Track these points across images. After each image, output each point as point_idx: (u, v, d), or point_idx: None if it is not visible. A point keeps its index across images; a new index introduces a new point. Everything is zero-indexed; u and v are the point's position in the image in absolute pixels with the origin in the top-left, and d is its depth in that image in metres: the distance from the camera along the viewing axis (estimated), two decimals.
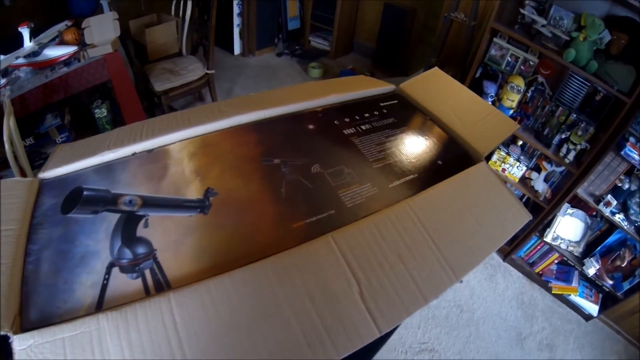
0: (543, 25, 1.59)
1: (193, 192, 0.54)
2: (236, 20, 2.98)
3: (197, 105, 2.65)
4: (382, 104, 0.89)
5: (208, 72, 2.33)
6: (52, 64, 1.74)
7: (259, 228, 0.51)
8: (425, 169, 0.70)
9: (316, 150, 0.67)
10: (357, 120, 0.79)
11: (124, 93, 2.11)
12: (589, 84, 1.61)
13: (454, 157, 0.76)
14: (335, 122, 0.77)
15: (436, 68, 1.06)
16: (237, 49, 3.14)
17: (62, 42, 1.83)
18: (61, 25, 1.92)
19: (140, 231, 0.49)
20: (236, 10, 2.94)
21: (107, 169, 0.59)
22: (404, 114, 0.87)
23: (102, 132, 2.16)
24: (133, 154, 0.62)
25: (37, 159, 1.85)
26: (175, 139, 0.66)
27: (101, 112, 2.14)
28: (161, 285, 0.44)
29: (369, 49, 3.29)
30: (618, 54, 1.45)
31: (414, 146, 0.76)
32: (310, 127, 0.75)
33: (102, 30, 1.90)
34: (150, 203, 0.53)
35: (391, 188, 0.64)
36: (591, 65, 1.50)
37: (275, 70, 3.09)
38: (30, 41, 1.70)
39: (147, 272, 0.45)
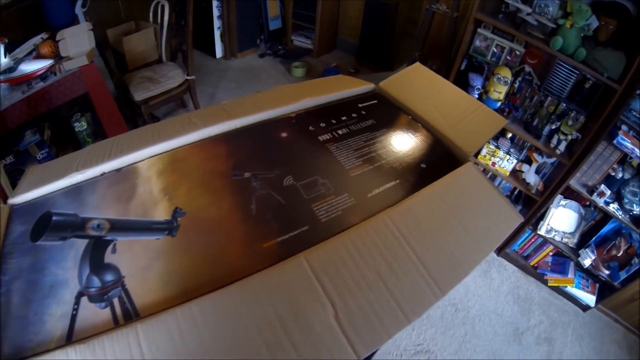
0: (528, 14, 1.50)
1: (161, 213, 0.51)
2: (216, 23, 2.87)
3: (179, 112, 2.56)
4: (360, 105, 0.82)
5: (188, 78, 2.23)
6: (28, 79, 1.67)
7: (228, 249, 0.48)
8: (407, 174, 0.65)
9: (289, 161, 0.62)
10: (333, 124, 0.73)
11: (103, 105, 2.03)
12: (577, 72, 1.53)
13: (438, 159, 0.70)
14: (310, 127, 0.71)
15: (418, 63, 0.98)
16: (218, 52, 3.03)
17: (39, 56, 1.76)
18: (37, 39, 1.84)
19: (109, 257, 0.47)
20: (216, 12, 2.82)
21: (76, 191, 0.56)
22: (384, 114, 0.80)
23: (83, 146, 2.04)
24: (102, 174, 0.59)
25: (18, 177, 1.77)
26: (144, 155, 0.62)
27: (81, 126, 2.04)
28: (130, 315, 0.42)
29: (352, 46, 3.18)
30: (607, 40, 1.37)
31: (395, 150, 0.70)
32: (283, 135, 0.69)
33: (77, 41, 1.84)
34: (118, 227, 0.50)
35: (370, 198, 0.58)
36: (579, 52, 1.41)
37: (258, 72, 2.98)
38: (5, 57, 1.63)
39: (116, 301, 0.43)
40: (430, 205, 0.59)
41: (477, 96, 1.76)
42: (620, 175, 1.53)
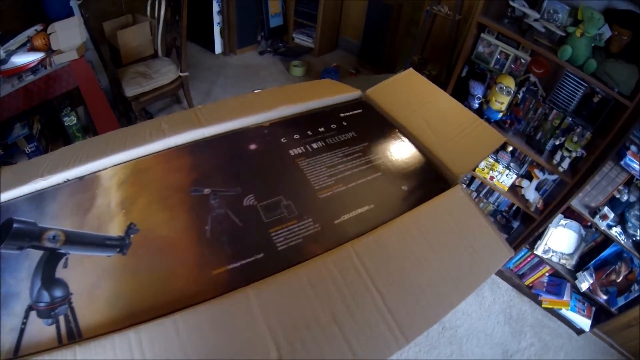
0: (535, 20, 1.36)
1: (115, 228, 0.48)
2: (216, 19, 2.75)
3: (174, 108, 2.47)
4: (342, 115, 0.72)
5: (181, 74, 2.13)
6: (19, 71, 1.60)
7: (177, 273, 0.44)
8: (384, 198, 0.56)
9: (253, 177, 0.56)
10: (308, 136, 0.65)
11: (93, 100, 1.96)
12: (586, 85, 1.39)
13: (423, 181, 0.61)
14: (282, 140, 0.63)
15: (411, 69, 0.87)
16: (218, 48, 2.91)
17: (33, 48, 1.70)
18: (30, 31, 1.78)
19: (60, 271, 0.44)
20: (216, 7, 2.70)
21: (39, 197, 0.53)
22: (368, 126, 0.70)
23: (73, 141, 1.95)
24: (65, 182, 0.55)
25: None
26: (109, 163, 0.57)
27: (70, 120, 1.96)
28: (73, 335, 0.39)
29: (354, 45, 3.04)
30: (619, 52, 1.23)
31: (373, 168, 0.61)
32: (252, 147, 0.62)
33: (68, 35, 1.76)
34: (73, 240, 0.47)
35: (337, 225, 0.51)
36: (589, 64, 1.27)
37: (257, 69, 2.87)
38: None
39: (62, 319, 0.41)
40: (406, 236, 0.50)
41: (477, 106, 1.63)
42: (625, 197, 1.39)
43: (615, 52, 1.24)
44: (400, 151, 0.66)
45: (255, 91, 0.91)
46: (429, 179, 0.62)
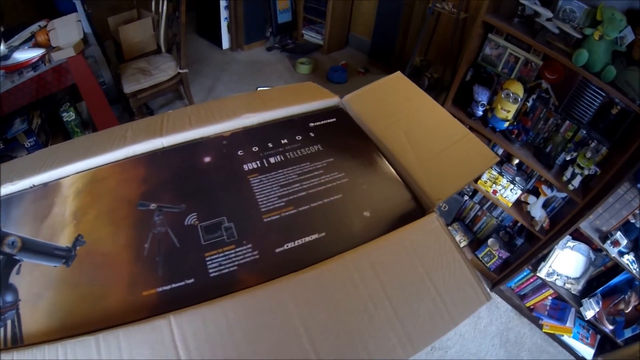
0: (548, 19, 1.19)
1: (65, 239, 0.47)
2: (223, 14, 2.67)
3: (176, 104, 2.42)
4: (312, 125, 0.64)
5: (180, 71, 2.07)
6: (20, 67, 1.61)
7: (111, 291, 0.43)
8: (340, 225, 0.48)
9: (199, 194, 0.51)
10: (268, 149, 0.58)
11: (91, 96, 1.96)
12: (604, 95, 1.22)
13: (392, 206, 0.52)
14: (239, 152, 0.58)
15: (398, 73, 0.76)
16: (225, 44, 2.84)
17: (37, 44, 1.71)
18: (34, 27, 1.78)
19: (13, 277, 0.44)
20: (223, 2, 2.62)
21: (7, 202, 0.53)
22: (338, 139, 0.62)
23: (72, 136, 1.98)
24: (31, 187, 0.55)
25: None
26: (71, 171, 0.56)
27: (69, 116, 1.96)
28: (16, 340, 0.40)
29: (365, 43, 2.88)
30: None
31: (333, 189, 0.53)
32: (207, 159, 0.57)
33: (67, 32, 1.74)
34: (27, 247, 0.47)
35: (278, 254, 0.45)
36: (608, 71, 1.10)
37: (263, 66, 2.77)
38: (0, 44, 1.60)
39: (9, 323, 0.41)
40: (354, 275, 0.43)
41: (481, 113, 1.48)
42: None
43: (638, 58, 1.06)
44: (370, 169, 0.57)
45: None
46: (400, 204, 0.52)
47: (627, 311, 1.36)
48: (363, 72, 2.77)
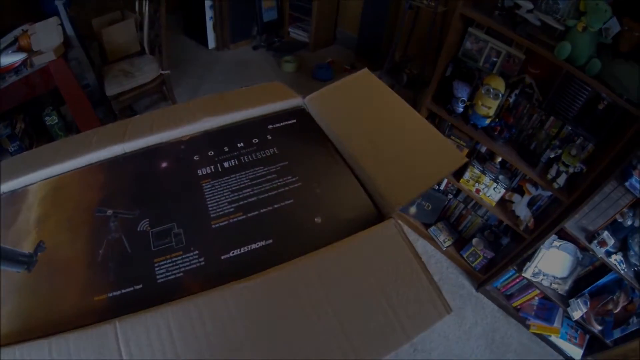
0: (529, 11, 1.10)
1: (28, 245, 0.48)
2: (208, 13, 2.57)
3: (161, 105, 2.34)
4: (270, 127, 0.61)
5: (162, 72, 1.99)
6: (2, 72, 1.57)
7: (66, 296, 0.43)
8: (289, 231, 0.46)
9: (153, 200, 0.51)
10: (223, 153, 0.56)
11: (73, 99, 1.90)
12: (589, 89, 1.13)
13: (347, 211, 0.49)
14: (195, 157, 0.56)
15: (365, 70, 0.70)
16: (211, 43, 2.75)
17: (20, 48, 1.66)
18: (17, 31, 1.74)
19: None
20: (208, 2, 2.53)
21: None
22: (296, 141, 0.59)
23: (56, 139, 1.94)
24: (1, 194, 0.55)
25: None
26: (38, 178, 0.55)
27: (52, 120, 1.90)
28: None
29: (352, 39, 2.78)
30: (630, 51, 0.96)
31: (285, 193, 0.50)
32: (163, 165, 0.56)
33: (47, 36, 1.70)
34: None
35: (224, 261, 0.44)
36: (593, 64, 1.02)
37: (249, 65, 2.68)
38: None
39: None
40: (298, 284, 0.40)
41: (461, 110, 1.39)
42: (629, 222, 1.14)
43: (625, 51, 0.97)
44: (326, 173, 0.53)
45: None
46: (356, 209, 0.48)
47: (616, 311, 1.29)
48: (349, 69, 2.67)
